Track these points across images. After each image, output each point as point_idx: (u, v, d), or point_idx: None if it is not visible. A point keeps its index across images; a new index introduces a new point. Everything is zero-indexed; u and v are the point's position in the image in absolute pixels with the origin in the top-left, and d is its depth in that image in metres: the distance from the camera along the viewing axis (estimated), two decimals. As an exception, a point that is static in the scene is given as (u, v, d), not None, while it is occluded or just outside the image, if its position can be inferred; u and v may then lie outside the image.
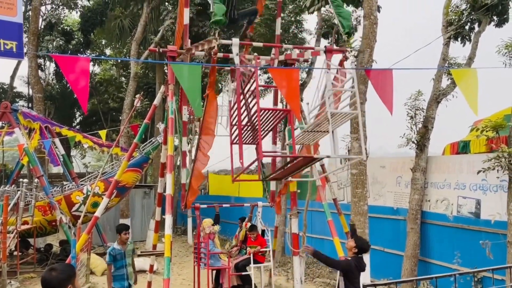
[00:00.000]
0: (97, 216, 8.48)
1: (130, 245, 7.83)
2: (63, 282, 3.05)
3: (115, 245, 7.64)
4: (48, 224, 13.90)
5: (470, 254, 9.03)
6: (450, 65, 10.56)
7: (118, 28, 22.89)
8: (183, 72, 5.78)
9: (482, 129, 9.03)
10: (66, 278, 3.07)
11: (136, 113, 22.03)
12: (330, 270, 12.62)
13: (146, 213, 20.35)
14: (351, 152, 9.65)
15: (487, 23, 10.65)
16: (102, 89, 28.40)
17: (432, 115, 10.32)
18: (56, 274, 3.06)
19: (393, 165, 11.72)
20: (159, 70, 21.88)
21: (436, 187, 10.27)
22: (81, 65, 4.91)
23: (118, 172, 9.13)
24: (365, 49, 9.39)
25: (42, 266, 13.34)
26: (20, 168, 16.87)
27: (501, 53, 8.71)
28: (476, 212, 9.24)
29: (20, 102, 27.76)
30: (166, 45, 8.21)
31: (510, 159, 7.76)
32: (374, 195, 11.99)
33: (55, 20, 23.19)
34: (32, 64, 19.42)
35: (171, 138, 7.07)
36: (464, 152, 10.88)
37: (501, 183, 8.61)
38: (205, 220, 9.52)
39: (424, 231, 10.24)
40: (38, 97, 19.10)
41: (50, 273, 3.06)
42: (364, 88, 9.38)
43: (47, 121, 16.48)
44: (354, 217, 9.23)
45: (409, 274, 9.81)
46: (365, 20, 9.51)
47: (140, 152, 13.70)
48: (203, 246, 9.21)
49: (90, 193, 13.54)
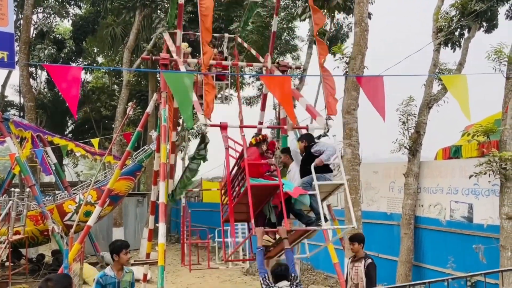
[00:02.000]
0: (90, 225, 8.43)
1: (128, 275, 5.57)
2: None
3: (107, 271, 5.51)
4: (40, 233, 13.76)
5: (464, 259, 9.06)
6: (440, 71, 10.65)
7: (110, 36, 22.87)
8: (175, 80, 5.78)
9: (473, 134, 9.09)
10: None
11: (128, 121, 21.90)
12: (324, 277, 12.60)
13: (140, 222, 20.23)
14: (344, 158, 9.68)
15: (476, 29, 10.78)
16: (94, 97, 28.28)
17: (424, 121, 10.39)
18: (52, 285, 3.01)
19: (386, 171, 11.76)
20: (151, 78, 21.86)
21: (429, 192, 10.32)
22: (73, 74, 4.90)
23: (111, 181, 9.10)
24: (356, 55, 9.45)
25: (34, 276, 13.19)
26: (11, 178, 16.72)
27: (491, 59, 8.80)
28: (469, 216, 9.28)
29: (12, 111, 27.55)
30: (158, 53, 8.22)
31: (501, 164, 7.82)
32: (368, 200, 12.01)
33: (47, 29, 23.16)
34: (24, 72, 19.33)
35: (164, 146, 7.06)
36: (456, 157, 10.95)
37: (492, 187, 8.67)
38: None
39: (417, 236, 10.27)
40: (30, 105, 19.00)
41: (46, 283, 3.02)
42: (356, 95, 9.44)
43: (39, 130, 16.37)
44: (348, 222, 9.23)
45: (403, 279, 9.82)
46: (356, 27, 9.59)
47: (133, 160, 13.64)
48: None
49: (83, 202, 13.43)
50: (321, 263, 13.26)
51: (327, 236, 7.81)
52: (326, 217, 5.90)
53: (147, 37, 20.67)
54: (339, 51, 10.07)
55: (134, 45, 20.43)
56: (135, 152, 13.96)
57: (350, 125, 9.44)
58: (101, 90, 28.81)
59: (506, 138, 8.30)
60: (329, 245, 7.71)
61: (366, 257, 6.56)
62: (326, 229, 6.06)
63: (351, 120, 9.44)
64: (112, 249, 5.50)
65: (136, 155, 13.82)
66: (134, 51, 20.92)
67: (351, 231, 7.59)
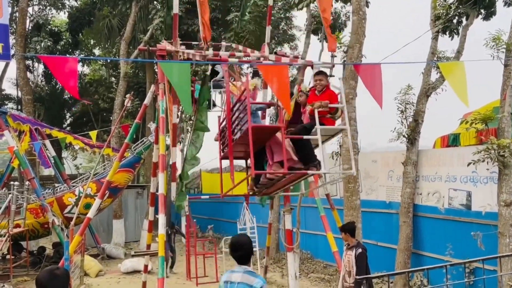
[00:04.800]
0: (90, 217, 8.43)
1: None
2: (66, 285, 2.99)
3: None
4: (40, 226, 13.81)
5: (462, 246, 9.12)
6: (439, 59, 10.62)
7: (107, 28, 22.72)
8: (172, 70, 5.76)
9: (472, 121, 9.11)
10: (67, 281, 3.02)
11: (127, 113, 21.89)
12: (324, 265, 12.69)
13: (140, 213, 20.29)
14: (343, 147, 9.69)
15: (474, 17, 10.72)
16: (92, 89, 28.16)
17: (422, 109, 10.39)
18: (61, 273, 2.99)
19: (384, 160, 11.79)
20: (149, 69, 21.77)
21: (427, 180, 10.35)
22: (70, 65, 4.88)
23: (110, 173, 9.08)
24: (354, 44, 9.42)
25: (35, 269, 13.26)
26: (10, 171, 16.72)
27: (489, 46, 8.78)
28: (467, 204, 9.33)
29: (9, 104, 27.48)
30: (155, 44, 8.16)
31: (499, 151, 7.83)
32: (367, 189, 12.05)
33: (43, 21, 22.99)
34: (20, 65, 19.24)
35: (163, 138, 7.04)
36: (455, 145, 10.97)
37: (491, 174, 8.70)
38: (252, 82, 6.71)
39: (416, 224, 10.33)
40: (27, 99, 18.93)
41: (53, 282, 2.95)
42: (354, 84, 9.42)
43: (37, 123, 16.35)
44: (347, 211, 9.28)
45: (402, 267, 9.89)
46: (354, 16, 9.54)
47: (132, 152, 13.65)
48: (241, 107, 6.05)
49: (82, 194, 13.47)
50: (320, 252, 13.35)
51: (327, 225, 7.86)
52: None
53: (143, 28, 20.54)
54: (337, 40, 10.02)
55: (131, 37, 20.30)
56: (133, 144, 13.97)
57: (349, 115, 9.41)
58: (99, 82, 28.70)
59: (504, 126, 8.32)
60: (328, 234, 7.75)
61: (357, 246, 6.69)
62: (325, 172, 5.89)
63: (350, 110, 9.42)
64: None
65: (135, 147, 13.83)
66: (131, 43, 20.80)
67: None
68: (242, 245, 4.12)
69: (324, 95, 5.74)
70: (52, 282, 2.93)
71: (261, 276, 4.35)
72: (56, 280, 2.95)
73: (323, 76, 5.86)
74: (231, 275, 4.07)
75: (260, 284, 3.94)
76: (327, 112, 5.55)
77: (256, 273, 4.13)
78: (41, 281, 2.93)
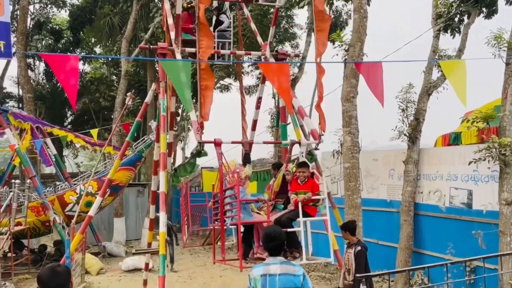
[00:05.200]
0: (91, 215, 8.45)
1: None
2: (67, 282, 2.98)
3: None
4: (41, 224, 13.83)
5: (463, 245, 9.11)
6: (440, 57, 10.60)
7: (108, 26, 22.71)
8: (173, 68, 5.75)
9: (473, 120, 9.08)
10: (68, 278, 3.01)
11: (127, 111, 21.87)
12: (325, 264, 12.68)
13: (140, 212, 20.33)
14: (344, 146, 9.69)
15: (476, 15, 10.70)
16: (93, 88, 28.17)
17: (424, 108, 10.37)
18: (62, 270, 2.98)
19: (385, 158, 11.78)
20: (150, 67, 21.77)
21: (428, 179, 10.34)
22: (71, 63, 4.87)
23: (111, 171, 9.10)
24: (355, 43, 9.41)
25: (37, 267, 13.29)
26: (12, 169, 16.75)
27: (490, 45, 8.75)
28: (468, 202, 9.32)
29: (10, 102, 27.47)
30: (156, 42, 8.17)
31: (500, 150, 7.82)
32: (368, 188, 12.04)
33: (44, 19, 22.96)
34: (22, 64, 19.24)
35: (164, 136, 7.05)
36: (456, 144, 10.95)
37: (492, 173, 8.69)
38: (231, 161, 7.09)
39: (417, 222, 10.32)
40: (28, 97, 18.93)
41: (53, 279, 2.93)
42: (355, 82, 9.41)
43: (38, 121, 16.37)
44: (348, 210, 9.28)
45: (403, 265, 9.89)
46: (355, 14, 9.53)
47: (133, 150, 13.65)
48: (229, 195, 6.61)
49: (83, 192, 13.48)
50: (321, 250, 13.32)
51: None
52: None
53: (144, 27, 20.53)
54: (338, 38, 10.01)
55: (132, 35, 20.29)
56: (134, 143, 13.97)
57: (350, 113, 9.43)
58: (100, 80, 28.71)
59: (506, 124, 8.30)
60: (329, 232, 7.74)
61: (356, 244, 6.75)
62: (303, 263, 6.09)
63: (351, 108, 9.43)
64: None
65: (136, 145, 13.83)
66: (132, 41, 20.79)
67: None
68: (277, 235, 4.09)
69: (307, 185, 6.24)
70: (53, 279, 2.93)
71: (298, 264, 4.37)
72: (57, 277, 2.94)
73: (305, 168, 6.32)
74: (268, 268, 3.97)
75: (301, 271, 3.95)
76: (310, 201, 6.13)
77: (291, 262, 4.12)
78: (42, 278, 2.93)
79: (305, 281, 3.95)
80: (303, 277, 3.94)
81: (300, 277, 3.93)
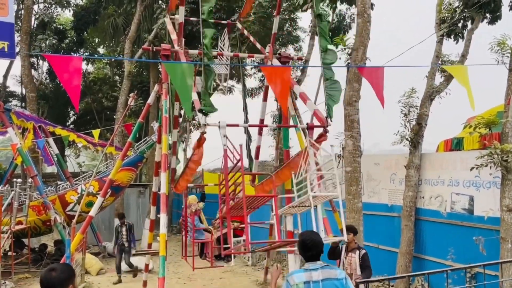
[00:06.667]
0: (92, 215, 8.46)
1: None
2: (65, 282, 2.96)
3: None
4: (42, 224, 13.85)
5: (464, 250, 9.09)
6: (443, 63, 10.59)
7: (112, 27, 22.79)
8: (176, 70, 5.76)
9: (475, 126, 9.07)
10: (68, 277, 2.99)
11: (130, 112, 21.93)
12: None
13: (141, 212, 20.32)
14: (345, 150, 9.67)
15: (479, 21, 10.69)
16: (96, 88, 28.25)
17: (426, 113, 10.36)
18: (57, 274, 2.97)
19: (387, 163, 11.76)
20: (153, 68, 21.81)
21: (430, 184, 10.32)
22: (74, 64, 4.88)
23: (113, 172, 9.13)
24: (358, 47, 9.40)
25: (37, 266, 13.31)
26: (13, 168, 16.78)
27: (494, 51, 8.74)
28: (470, 208, 9.29)
29: (13, 101, 27.55)
30: (160, 44, 8.19)
31: (502, 156, 7.80)
32: (369, 192, 12.02)
33: (48, 19, 23.05)
34: (25, 63, 19.31)
35: (166, 137, 7.06)
36: (458, 149, 10.93)
37: (494, 179, 8.66)
38: (190, 197, 9.54)
39: (418, 227, 10.29)
40: (31, 96, 18.99)
41: (50, 273, 2.95)
42: (358, 86, 9.40)
43: (41, 120, 16.41)
44: (349, 214, 9.26)
45: (403, 270, 9.86)
46: (359, 18, 9.52)
47: (135, 151, 13.67)
48: (190, 222, 9.37)
49: (85, 192, 13.50)
50: (322, 254, 13.31)
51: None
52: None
53: (148, 28, 20.58)
54: (341, 42, 10.01)
55: (136, 36, 20.35)
56: (136, 143, 13.99)
57: (352, 117, 9.41)
58: (103, 81, 28.79)
59: (508, 131, 8.28)
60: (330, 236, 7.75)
61: (359, 248, 6.79)
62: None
63: (353, 112, 9.42)
64: None
65: (138, 146, 13.85)
66: (136, 42, 20.85)
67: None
68: (316, 244, 4.00)
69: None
70: (49, 273, 2.98)
71: (338, 267, 4.32)
72: (54, 271, 2.98)
73: None
74: (309, 274, 3.84)
75: (343, 273, 3.87)
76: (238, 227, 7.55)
77: (330, 265, 4.04)
78: (42, 280, 2.98)
79: (347, 283, 3.86)
80: (345, 280, 3.87)
81: (343, 280, 3.82)
